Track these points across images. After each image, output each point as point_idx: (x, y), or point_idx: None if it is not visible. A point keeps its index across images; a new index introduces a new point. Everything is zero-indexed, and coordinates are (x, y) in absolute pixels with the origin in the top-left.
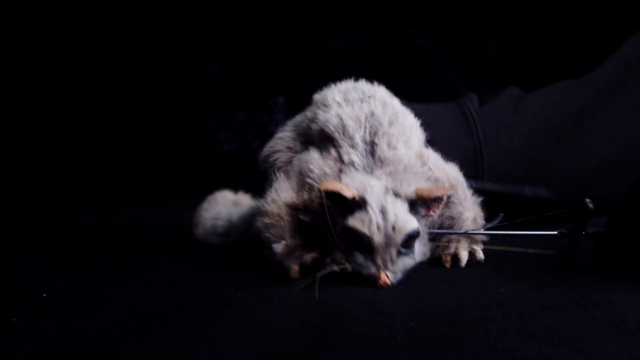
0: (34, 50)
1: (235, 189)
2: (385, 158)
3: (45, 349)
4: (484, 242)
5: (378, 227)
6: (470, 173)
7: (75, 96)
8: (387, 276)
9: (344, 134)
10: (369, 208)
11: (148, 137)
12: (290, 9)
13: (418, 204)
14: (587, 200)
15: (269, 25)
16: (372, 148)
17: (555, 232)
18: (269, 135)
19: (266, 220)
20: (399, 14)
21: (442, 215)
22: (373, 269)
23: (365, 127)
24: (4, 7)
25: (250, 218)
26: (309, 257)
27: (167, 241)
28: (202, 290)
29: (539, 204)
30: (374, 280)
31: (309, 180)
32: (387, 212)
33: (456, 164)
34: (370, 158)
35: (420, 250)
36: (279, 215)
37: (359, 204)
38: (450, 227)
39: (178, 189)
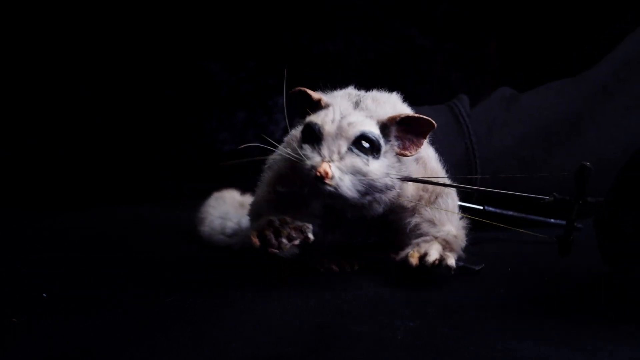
0: (34, 50)
1: (236, 189)
2: (368, 107)
3: (45, 349)
4: (461, 259)
5: (332, 120)
6: (464, 174)
7: (75, 96)
8: (329, 167)
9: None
10: (330, 107)
11: (148, 137)
12: (290, 9)
13: (390, 129)
14: (586, 163)
15: (269, 25)
16: (356, 105)
17: (547, 197)
18: (268, 135)
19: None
20: (399, 14)
21: (421, 214)
22: (317, 158)
23: (354, 95)
24: (4, 7)
25: None
26: (262, 220)
27: (167, 241)
28: (202, 290)
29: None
30: (314, 172)
31: (279, 151)
32: (348, 114)
33: (448, 167)
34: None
35: (380, 170)
36: (258, 195)
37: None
38: (426, 233)
39: (178, 189)
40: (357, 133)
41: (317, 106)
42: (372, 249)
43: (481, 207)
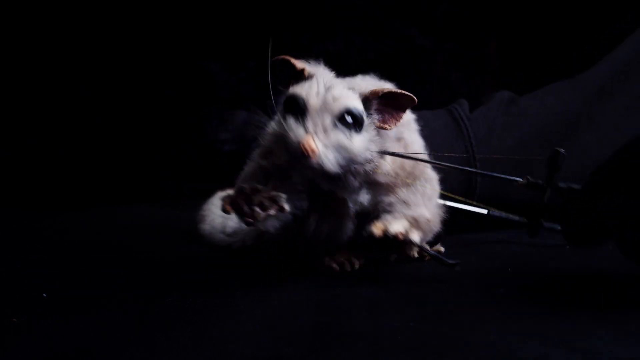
0: (34, 50)
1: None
2: (356, 85)
3: (45, 349)
4: (428, 242)
5: (317, 93)
6: (464, 176)
7: (75, 96)
8: (314, 142)
9: None
10: (314, 79)
11: (148, 137)
12: (290, 9)
13: (371, 102)
14: (560, 149)
15: (269, 25)
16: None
17: (520, 179)
18: None
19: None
20: (399, 14)
21: (396, 194)
22: (301, 132)
23: (347, 80)
24: (4, 7)
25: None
26: (236, 188)
27: (167, 241)
28: (202, 290)
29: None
30: (299, 147)
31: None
32: (332, 87)
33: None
34: None
35: (362, 145)
36: (244, 169)
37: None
38: (399, 212)
39: (178, 189)
40: (342, 108)
41: (300, 76)
42: (372, 249)
43: (485, 212)
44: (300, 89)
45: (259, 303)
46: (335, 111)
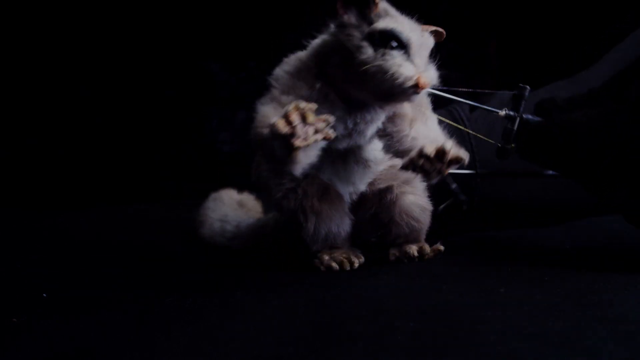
0: (34, 50)
1: (236, 189)
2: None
3: (45, 349)
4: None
5: (414, 30)
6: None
7: (75, 96)
8: (426, 79)
9: None
10: (393, 14)
11: (148, 137)
12: (290, 9)
13: None
14: (525, 85)
15: (269, 25)
16: None
17: (501, 111)
18: None
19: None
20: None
21: (417, 130)
22: (412, 69)
23: None
24: (4, 7)
25: (257, 229)
26: (287, 106)
27: (167, 241)
28: (202, 290)
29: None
30: (410, 81)
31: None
32: (414, 24)
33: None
34: None
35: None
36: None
37: (379, 15)
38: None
39: (178, 189)
40: (431, 45)
41: (372, 9)
42: (372, 248)
43: (473, 171)
44: (394, 24)
45: (259, 303)
46: (428, 47)
